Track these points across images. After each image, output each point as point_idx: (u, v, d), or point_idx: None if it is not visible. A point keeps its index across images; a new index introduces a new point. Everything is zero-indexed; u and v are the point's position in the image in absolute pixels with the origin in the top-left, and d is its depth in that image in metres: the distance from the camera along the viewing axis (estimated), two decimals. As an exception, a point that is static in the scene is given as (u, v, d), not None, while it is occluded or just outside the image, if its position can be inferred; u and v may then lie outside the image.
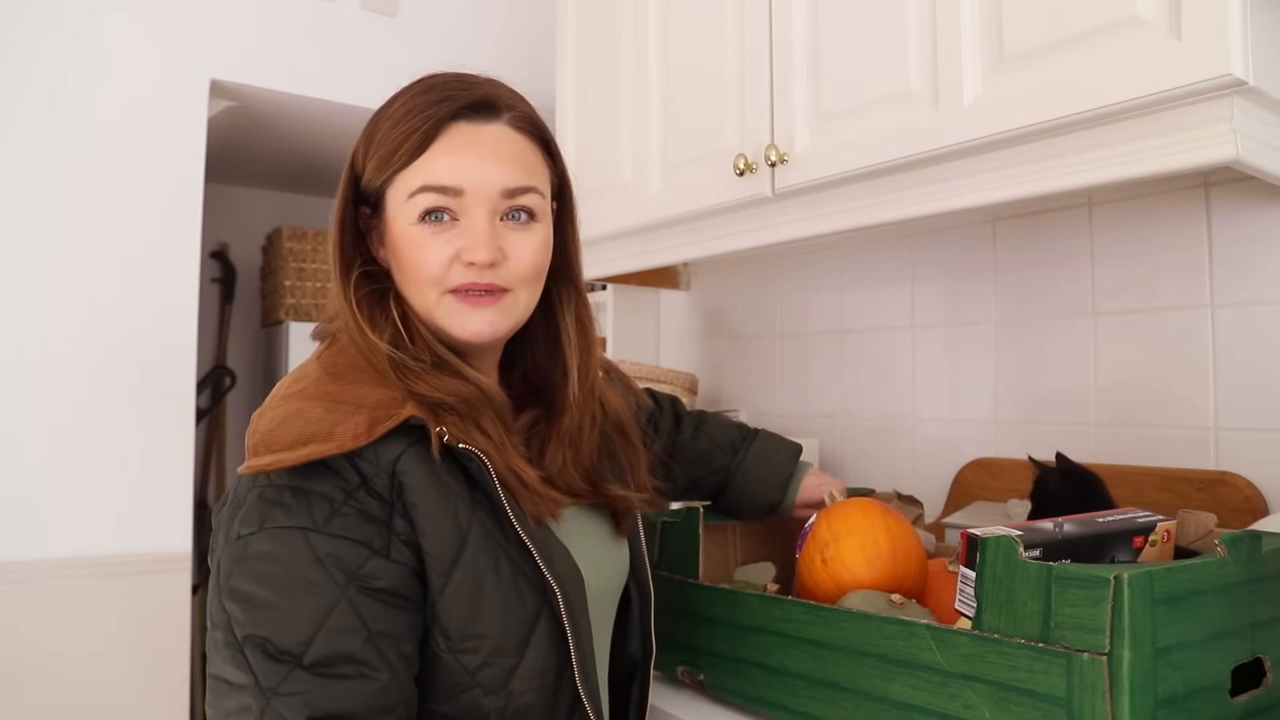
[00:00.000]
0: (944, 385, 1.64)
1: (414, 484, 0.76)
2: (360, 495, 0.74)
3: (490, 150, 0.84)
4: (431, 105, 0.83)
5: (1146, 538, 0.90)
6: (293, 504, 0.73)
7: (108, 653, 1.97)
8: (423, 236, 0.82)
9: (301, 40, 2.28)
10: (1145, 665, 0.70)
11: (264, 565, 0.71)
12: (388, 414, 0.76)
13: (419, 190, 0.82)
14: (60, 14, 1.99)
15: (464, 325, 0.84)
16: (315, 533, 0.72)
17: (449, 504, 0.77)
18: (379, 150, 0.84)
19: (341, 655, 0.70)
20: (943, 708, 0.82)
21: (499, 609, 0.77)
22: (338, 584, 0.71)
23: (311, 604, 0.70)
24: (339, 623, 0.70)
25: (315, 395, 0.78)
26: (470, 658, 0.76)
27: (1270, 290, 1.21)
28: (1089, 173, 1.03)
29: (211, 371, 3.33)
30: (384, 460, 0.76)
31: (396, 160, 0.82)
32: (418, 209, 0.82)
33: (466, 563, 0.76)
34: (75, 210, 2.00)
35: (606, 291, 2.23)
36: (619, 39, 1.76)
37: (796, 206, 1.39)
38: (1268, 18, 0.92)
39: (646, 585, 0.99)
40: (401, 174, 0.83)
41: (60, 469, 1.95)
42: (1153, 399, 1.33)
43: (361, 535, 0.73)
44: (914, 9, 1.20)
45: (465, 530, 0.77)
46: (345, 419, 0.75)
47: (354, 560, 0.72)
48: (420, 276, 0.83)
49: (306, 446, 0.73)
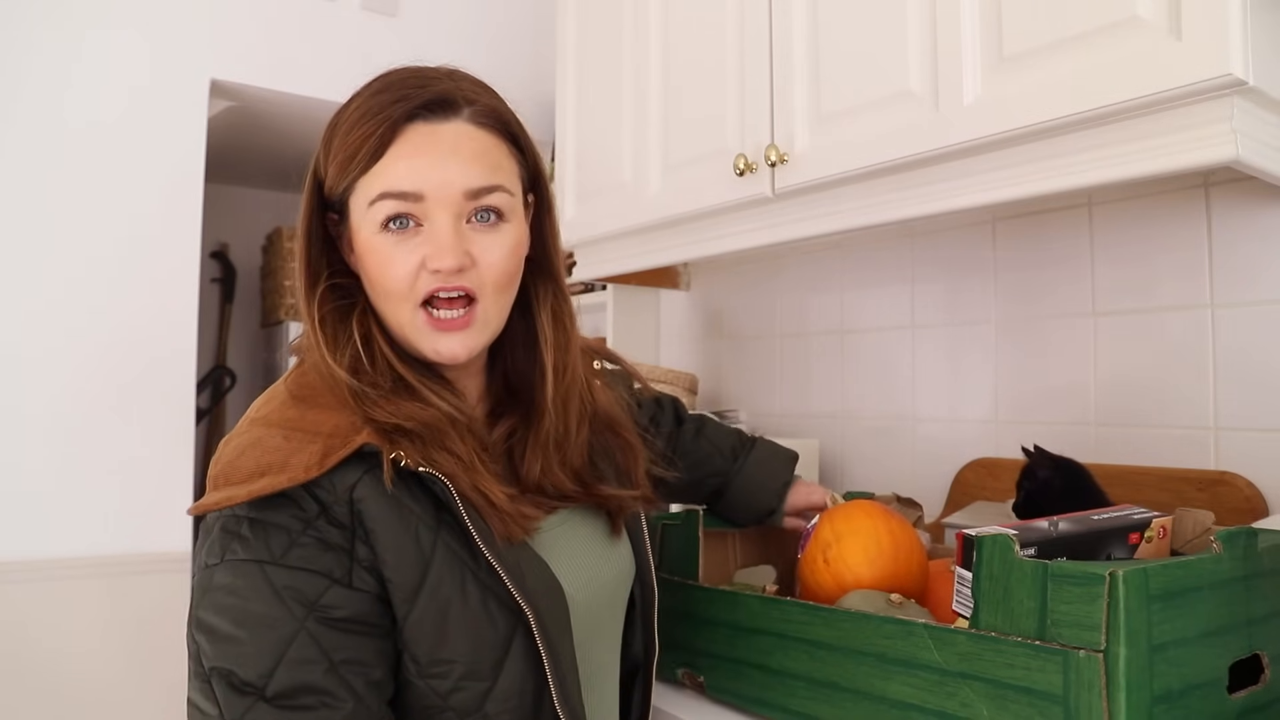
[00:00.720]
0: (944, 385, 1.64)
1: (372, 511, 0.74)
2: (320, 524, 0.73)
3: (449, 150, 0.80)
4: (386, 106, 0.79)
5: (1142, 534, 0.90)
6: (250, 536, 0.73)
7: (107, 652, 1.97)
8: (386, 246, 0.79)
9: (301, 40, 2.28)
10: (1141, 662, 0.70)
11: (225, 598, 0.72)
12: (342, 442, 0.75)
13: (378, 198, 0.79)
14: (63, 15, 1.99)
15: (436, 348, 0.81)
16: (272, 565, 0.72)
17: (409, 529, 0.75)
18: (337, 156, 0.81)
19: (303, 686, 0.70)
20: (941, 706, 0.82)
21: (467, 633, 0.76)
22: (295, 616, 0.71)
23: (271, 637, 0.70)
24: (299, 654, 0.70)
25: (276, 422, 0.77)
26: (440, 682, 0.75)
27: (1270, 290, 1.21)
28: (1089, 173, 1.03)
29: (211, 371, 3.33)
30: (340, 488, 0.74)
31: (354, 166, 0.79)
32: (379, 217, 0.79)
33: (430, 588, 0.75)
34: (75, 210, 2.00)
35: (606, 291, 2.23)
36: (619, 38, 1.76)
37: (796, 206, 1.40)
38: (1268, 18, 0.92)
39: (650, 585, 0.98)
40: (361, 180, 0.80)
41: (60, 469, 1.96)
42: (1153, 399, 1.33)
43: (320, 565, 0.72)
44: (914, 9, 1.20)
45: (429, 555, 0.76)
46: (300, 448, 0.74)
47: (312, 591, 0.72)
48: (389, 289, 0.80)
49: (262, 479, 0.72)
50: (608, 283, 2.19)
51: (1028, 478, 1.17)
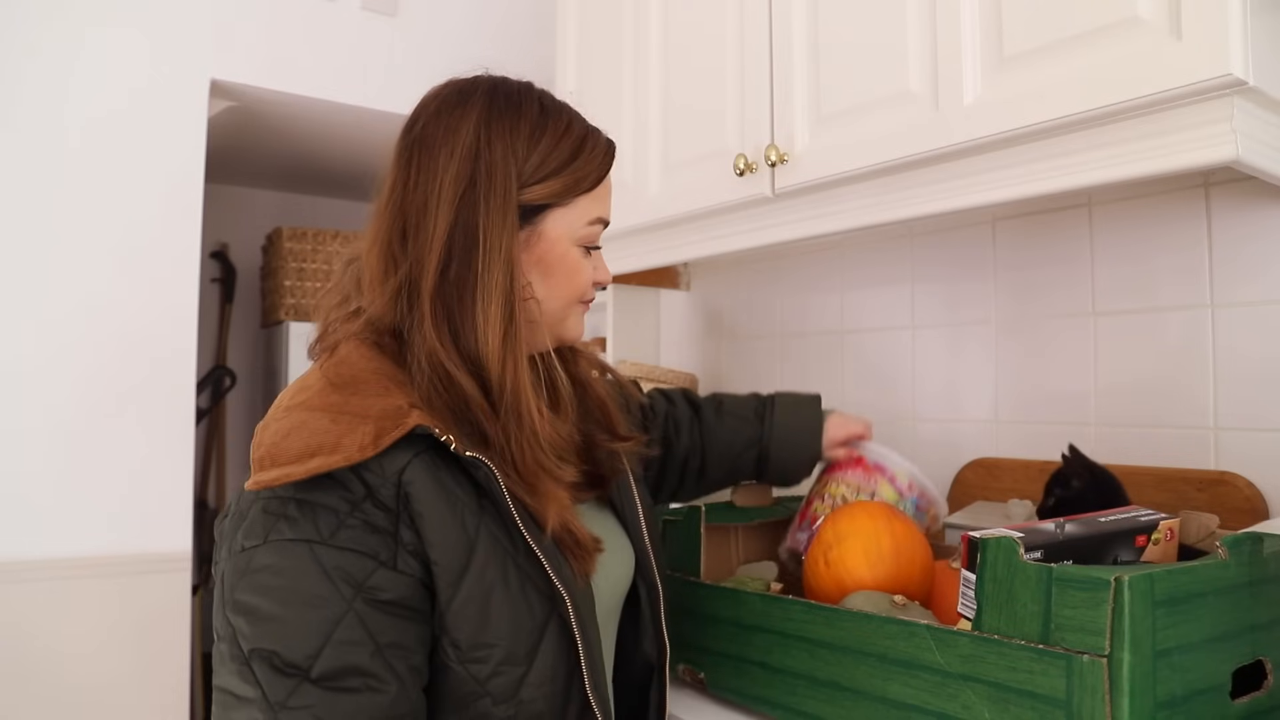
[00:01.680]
0: (944, 385, 1.64)
1: (420, 494, 0.75)
2: (366, 507, 0.74)
3: None
4: (605, 145, 0.91)
5: (1149, 537, 0.90)
6: (298, 516, 0.73)
7: (108, 652, 1.97)
8: (580, 258, 0.90)
9: (301, 40, 2.28)
10: (1145, 667, 0.70)
11: (269, 578, 0.71)
12: (394, 424, 0.75)
13: (597, 220, 0.90)
14: (63, 15, 1.99)
15: (581, 329, 0.95)
16: (321, 545, 0.72)
17: (456, 513, 0.76)
18: (562, 172, 0.87)
19: (349, 668, 0.70)
20: (942, 708, 0.82)
21: (508, 618, 0.77)
22: (344, 597, 0.71)
23: (318, 617, 0.70)
24: (346, 635, 0.70)
25: (319, 406, 0.77)
26: (480, 667, 0.76)
27: (1270, 290, 1.21)
28: (1089, 173, 1.03)
29: (211, 371, 3.33)
30: (389, 471, 0.75)
31: (583, 187, 0.88)
32: (590, 235, 0.90)
33: (475, 572, 0.76)
34: (75, 210, 2.00)
35: (606, 291, 2.23)
36: (619, 38, 1.76)
37: (796, 206, 1.39)
38: (1268, 18, 0.92)
39: (654, 582, 0.98)
40: (582, 200, 0.88)
41: (60, 469, 1.96)
42: (1153, 399, 1.33)
43: (367, 547, 0.73)
44: (914, 9, 1.20)
45: (473, 539, 0.77)
46: (351, 430, 0.74)
47: (360, 572, 0.72)
48: (572, 292, 0.91)
49: (314, 459, 0.72)
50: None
51: (1060, 484, 1.14)
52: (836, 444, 1.30)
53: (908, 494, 1.23)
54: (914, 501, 1.25)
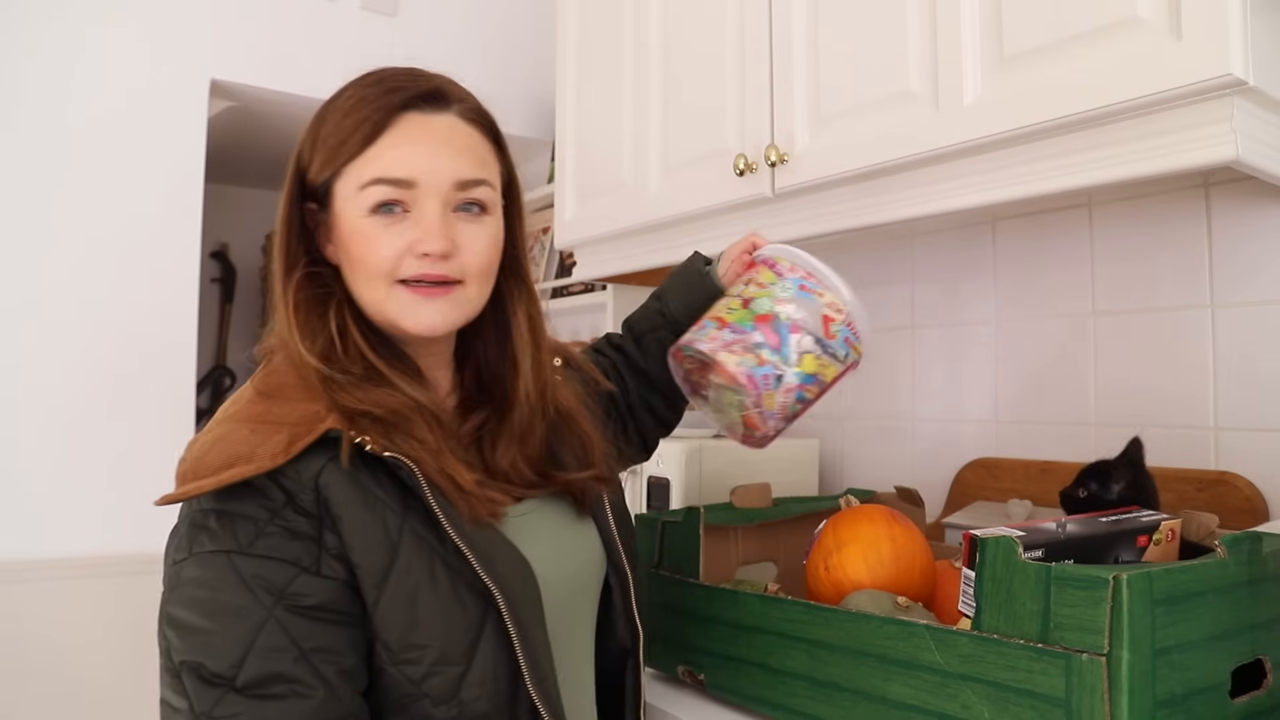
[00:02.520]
0: (944, 385, 1.64)
1: (337, 497, 0.75)
2: (286, 514, 0.74)
3: (442, 141, 0.83)
4: (382, 95, 0.82)
5: (1150, 537, 0.90)
6: (217, 528, 0.74)
7: (105, 652, 1.97)
8: (374, 229, 0.81)
9: (301, 40, 2.28)
10: (1144, 666, 0.70)
11: (194, 590, 0.73)
12: (308, 429, 0.75)
13: (371, 182, 0.81)
14: (63, 15, 1.99)
15: (415, 318, 0.83)
16: (239, 554, 0.72)
17: (376, 514, 0.76)
18: (327, 142, 0.83)
19: (273, 675, 0.70)
20: (942, 708, 0.82)
21: (438, 617, 0.76)
22: (264, 605, 0.71)
23: (240, 626, 0.71)
24: (268, 643, 0.71)
25: (244, 417, 0.78)
26: (413, 668, 0.75)
27: (1270, 290, 1.21)
28: (1089, 173, 1.03)
29: (211, 371, 3.33)
30: (306, 476, 0.75)
31: (345, 151, 0.81)
32: (369, 201, 0.81)
33: (399, 573, 0.76)
34: (75, 210, 2.00)
35: (606, 291, 2.23)
36: (619, 38, 1.76)
37: (796, 206, 1.39)
38: (1268, 18, 0.92)
39: (623, 571, 0.97)
40: (351, 166, 0.82)
41: (59, 469, 1.96)
42: (1153, 399, 1.33)
43: (288, 554, 0.73)
44: (914, 9, 1.20)
45: (395, 539, 0.76)
46: (267, 438, 0.75)
47: (280, 579, 0.72)
48: (370, 268, 0.82)
49: (230, 469, 0.73)
50: (608, 283, 2.18)
51: (1098, 479, 1.07)
52: (732, 262, 1.14)
53: (789, 275, 1.01)
54: (809, 298, 0.99)
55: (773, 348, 0.96)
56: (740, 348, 0.96)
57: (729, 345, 0.97)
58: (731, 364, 0.96)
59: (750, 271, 1.06)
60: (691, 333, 1.02)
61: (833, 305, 0.98)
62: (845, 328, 0.99)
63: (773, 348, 0.96)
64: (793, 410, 0.99)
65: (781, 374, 0.96)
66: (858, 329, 0.99)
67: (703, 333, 1.00)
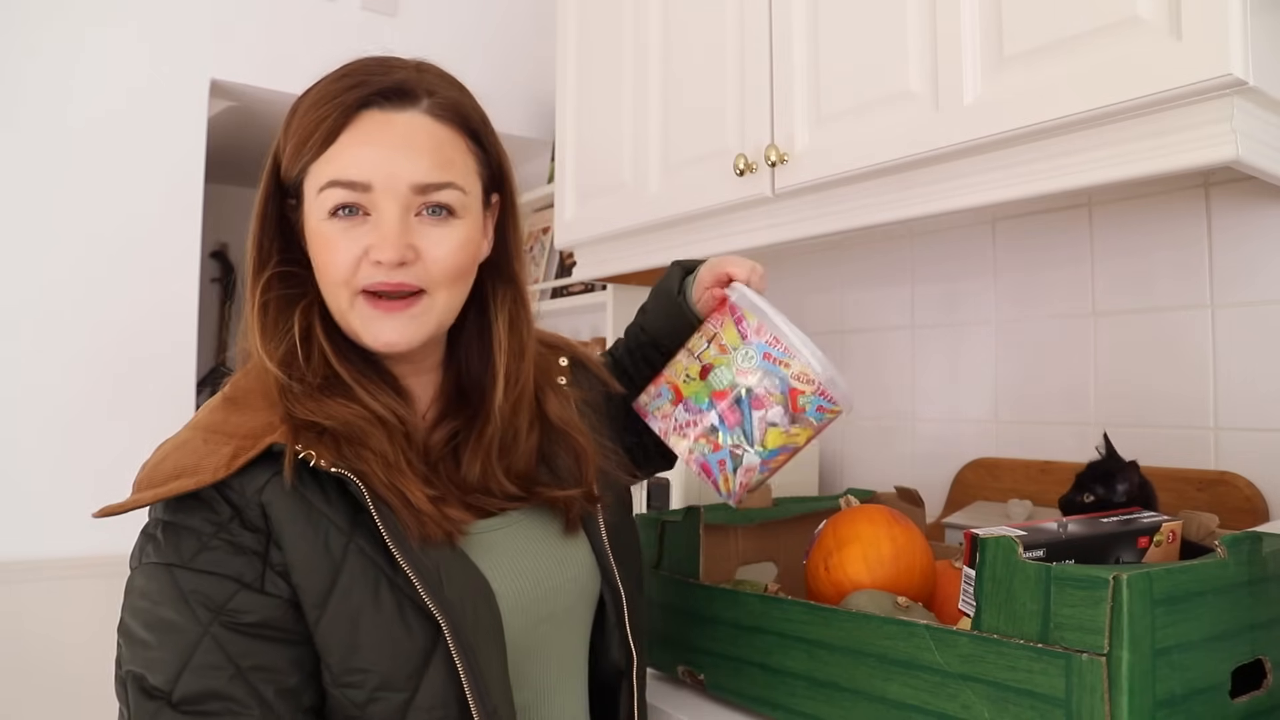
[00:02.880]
0: (944, 385, 1.64)
1: (278, 514, 0.73)
2: (233, 528, 0.72)
3: (401, 141, 0.78)
4: (343, 92, 0.77)
5: (1151, 538, 0.90)
6: (162, 540, 0.73)
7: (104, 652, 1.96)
8: (332, 233, 0.78)
9: (301, 40, 2.28)
10: (1144, 666, 0.70)
11: (139, 601, 0.72)
12: (252, 443, 0.73)
13: (327, 185, 0.77)
14: (64, 16, 1.99)
15: (375, 335, 0.79)
16: (180, 569, 0.71)
17: (319, 532, 0.73)
18: (293, 138, 0.79)
19: (208, 692, 0.69)
20: (942, 708, 0.82)
21: (381, 642, 0.73)
22: (200, 621, 0.70)
23: (177, 642, 0.70)
24: (204, 660, 0.69)
25: (203, 425, 0.77)
26: (355, 692, 0.73)
27: (1270, 290, 1.21)
28: (1089, 173, 1.03)
29: (211, 371, 3.33)
30: (249, 491, 0.73)
31: (308, 151, 0.78)
32: (327, 204, 0.77)
33: (340, 593, 0.73)
34: (75, 210, 2.00)
35: (606, 291, 2.23)
36: (619, 39, 1.76)
37: (796, 206, 1.39)
38: (1268, 18, 0.92)
39: (616, 590, 0.91)
40: (313, 166, 0.78)
41: (59, 469, 1.96)
42: (1153, 399, 1.33)
43: (229, 570, 0.71)
44: (914, 9, 1.20)
45: (339, 560, 0.73)
46: (214, 450, 0.73)
47: (220, 596, 0.71)
48: (330, 275, 0.78)
49: (175, 482, 0.72)
50: (608, 283, 2.18)
51: (1103, 482, 1.07)
52: (705, 290, 1.06)
53: (754, 338, 0.92)
54: (773, 369, 0.90)
55: (731, 426, 0.89)
56: (694, 432, 0.91)
57: (681, 429, 0.91)
58: (683, 450, 0.91)
59: (717, 317, 0.97)
60: (648, 396, 0.96)
61: (801, 376, 0.89)
62: (817, 397, 0.90)
63: (731, 426, 0.89)
64: (757, 481, 0.93)
65: (741, 454, 0.90)
66: (833, 394, 0.90)
67: (658, 405, 0.94)
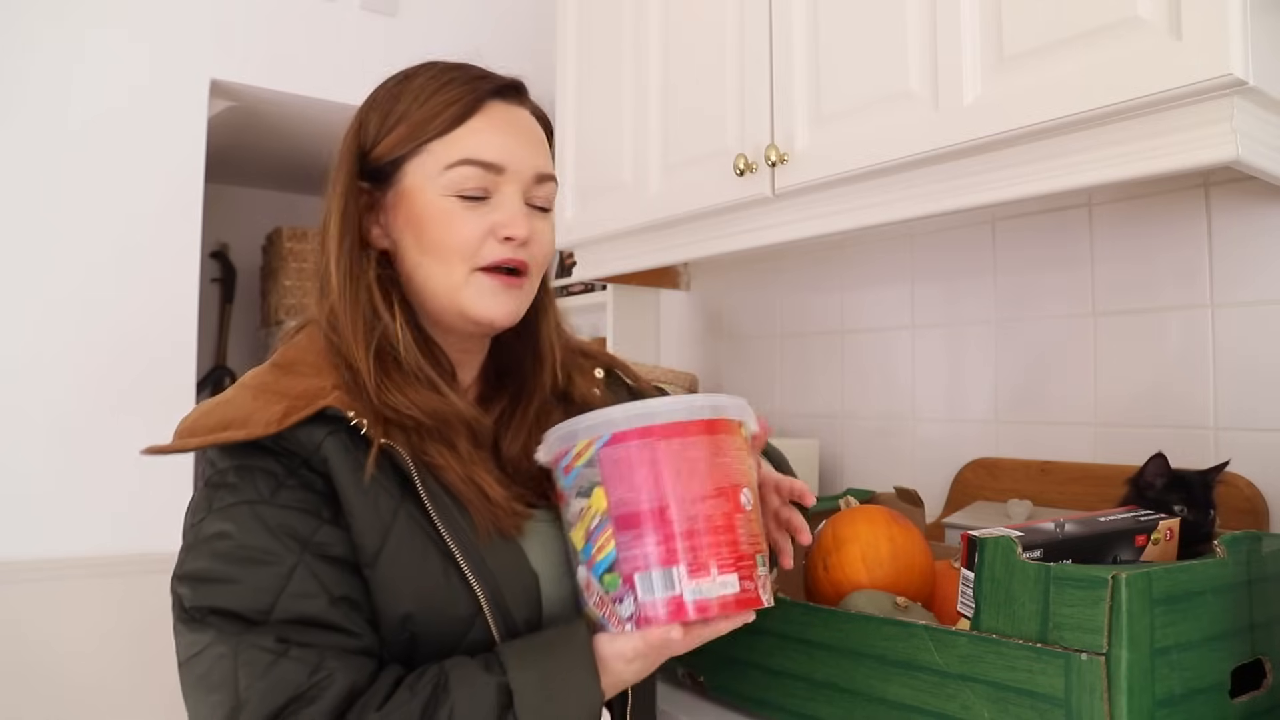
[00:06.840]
0: (944, 385, 1.63)
1: (335, 470, 0.75)
2: (302, 472, 0.75)
3: (526, 133, 0.85)
4: (469, 80, 0.83)
5: (1149, 536, 0.90)
6: (237, 482, 0.74)
7: (108, 652, 1.97)
8: (456, 209, 0.81)
9: (301, 40, 2.28)
10: (1143, 665, 0.70)
11: (217, 543, 0.72)
12: (305, 403, 0.75)
13: (460, 163, 0.81)
14: (64, 16, 1.99)
15: (492, 306, 0.82)
16: (263, 504, 0.73)
17: (369, 495, 0.75)
18: (406, 120, 0.82)
19: (307, 619, 0.70)
20: (941, 708, 0.82)
21: (427, 600, 0.75)
22: (292, 551, 0.72)
23: (268, 573, 0.71)
24: (299, 588, 0.71)
25: (251, 385, 0.79)
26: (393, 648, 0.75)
27: (1270, 290, 1.21)
28: (1089, 173, 1.03)
29: (212, 371, 3.33)
30: (308, 444, 0.75)
31: (431, 129, 0.81)
32: (455, 181, 0.81)
33: (389, 553, 0.75)
34: (76, 210, 2.00)
35: (606, 291, 2.23)
36: (619, 39, 1.76)
37: (796, 206, 1.39)
38: (1268, 18, 0.92)
39: None
40: (435, 145, 0.81)
41: (61, 469, 1.96)
42: (1153, 399, 1.33)
43: (309, 505, 0.74)
44: (914, 9, 1.20)
45: (388, 522, 0.75)
46: (265, 407, 0.75)
47: (305, 529, 0.73)
48: (450, 249, 0.81)
49: (224, 431, 0.73)
50: (608, 283, 2.18)
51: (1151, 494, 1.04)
52: None
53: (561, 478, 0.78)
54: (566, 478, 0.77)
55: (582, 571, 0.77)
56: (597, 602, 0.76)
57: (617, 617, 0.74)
58: None
59: None
60: None
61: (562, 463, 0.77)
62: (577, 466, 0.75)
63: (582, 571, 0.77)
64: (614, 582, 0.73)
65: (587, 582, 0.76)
66: (596, 453, 0.73)
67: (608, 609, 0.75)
